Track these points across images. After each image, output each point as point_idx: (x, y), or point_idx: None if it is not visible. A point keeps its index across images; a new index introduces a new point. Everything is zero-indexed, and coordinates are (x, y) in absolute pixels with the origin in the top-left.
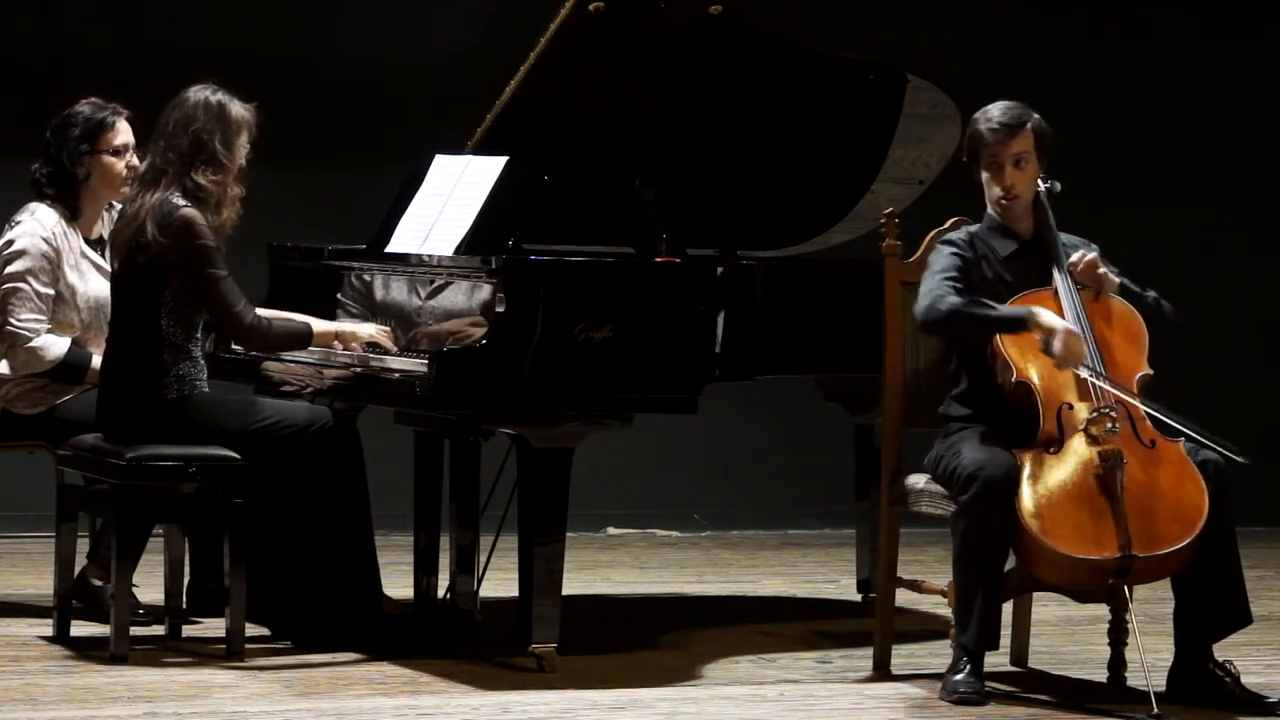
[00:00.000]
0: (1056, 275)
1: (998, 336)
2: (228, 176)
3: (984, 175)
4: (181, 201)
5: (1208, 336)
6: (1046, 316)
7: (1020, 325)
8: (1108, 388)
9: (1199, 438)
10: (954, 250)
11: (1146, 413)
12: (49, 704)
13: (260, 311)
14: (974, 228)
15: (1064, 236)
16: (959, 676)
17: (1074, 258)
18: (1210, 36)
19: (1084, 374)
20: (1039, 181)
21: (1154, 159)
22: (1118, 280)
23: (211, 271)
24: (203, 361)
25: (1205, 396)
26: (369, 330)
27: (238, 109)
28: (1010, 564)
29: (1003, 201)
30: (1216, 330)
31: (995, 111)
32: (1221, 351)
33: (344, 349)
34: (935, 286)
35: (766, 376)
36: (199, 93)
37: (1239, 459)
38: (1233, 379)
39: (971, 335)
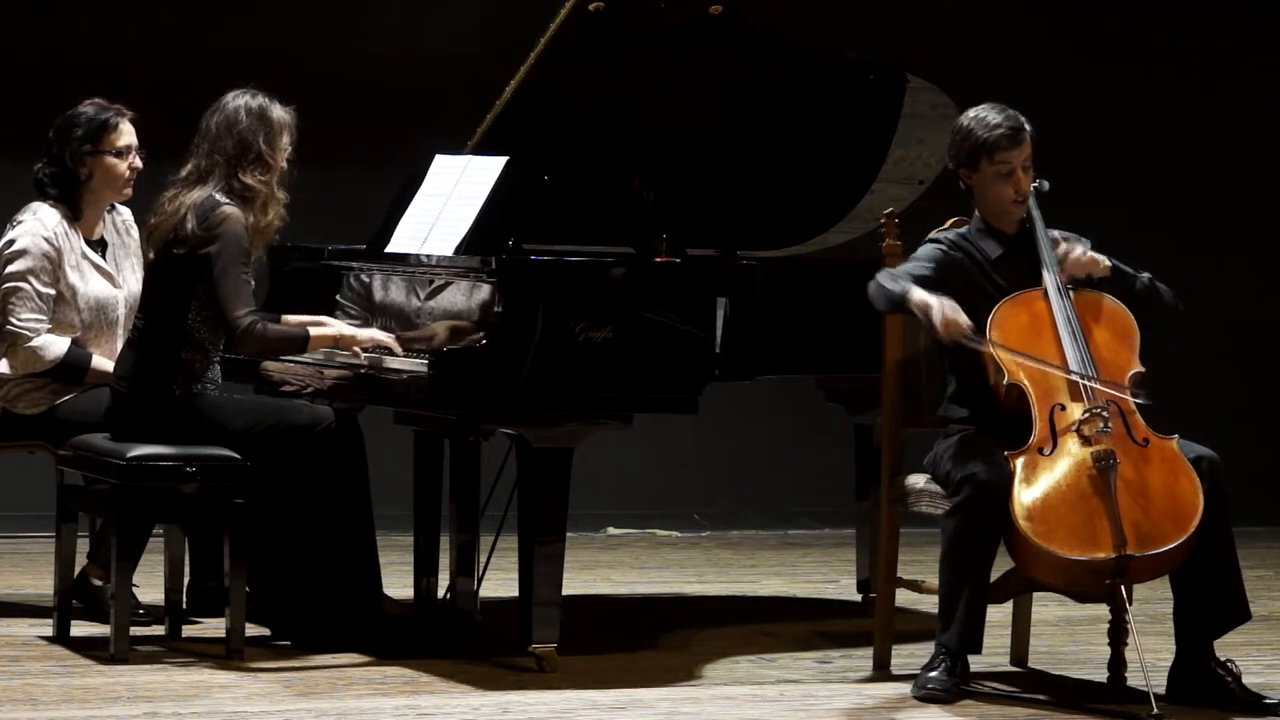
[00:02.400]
0: (1045, 276)
1: (991, 342)
2: (273, 176)
3: (985, 180)
4: (224, 199)
5: (1206, 336)
6: (918, 294)
7: (902, 303)
8: (1085, 382)
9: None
10: (937, 246)
11: (1133, 404)
12: (49, 704)
13: (287, 318)
14: (964, 229)
15: (1054, 232)
16: (933, 674)
17: (1061, 248)
18: (1210, 35)
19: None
20: None
21: (1153, 159)
22: (1109, 263)
23: (227, 266)
24: (219, 369)
25: (1203, 396)
26: (370, 335)
27: (278, 111)
28: (1008, 567)
29: (1015, 204)
30: (1215, 329)
31: (996, 116)
32: (1221, 351)
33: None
34: (895, 269)
35: (766, 376)
36: (239, 97)
37: (1139, 400)
38: (1231, 378)
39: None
